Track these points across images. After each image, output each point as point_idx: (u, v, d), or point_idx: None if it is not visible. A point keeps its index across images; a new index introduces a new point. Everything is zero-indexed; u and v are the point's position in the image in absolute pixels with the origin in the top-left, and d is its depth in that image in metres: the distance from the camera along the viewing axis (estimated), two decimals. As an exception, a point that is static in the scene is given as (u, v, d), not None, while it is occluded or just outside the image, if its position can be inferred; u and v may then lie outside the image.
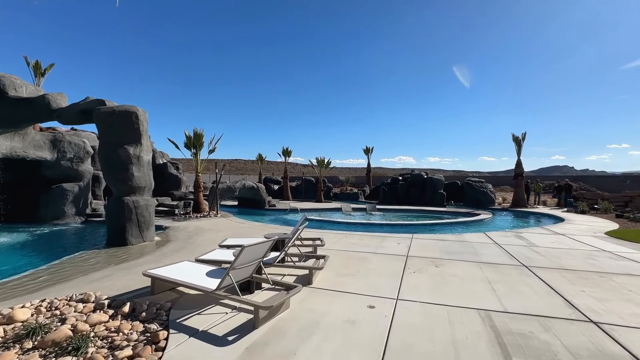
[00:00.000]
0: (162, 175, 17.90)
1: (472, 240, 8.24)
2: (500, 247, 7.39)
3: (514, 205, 19.81)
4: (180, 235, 9.15)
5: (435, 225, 12.48)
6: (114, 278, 4.82)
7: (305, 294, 4.18)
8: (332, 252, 6.57)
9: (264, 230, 9.65)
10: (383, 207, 18.97)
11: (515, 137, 20.11)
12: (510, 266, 5.65)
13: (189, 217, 13.50)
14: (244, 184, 17.19)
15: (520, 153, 20.21)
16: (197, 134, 14.45)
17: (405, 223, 12.45)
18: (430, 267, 5.56)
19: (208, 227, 10.47)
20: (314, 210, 18.61)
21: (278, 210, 17.81)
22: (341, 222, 12.82)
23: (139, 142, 8.31)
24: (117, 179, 8.07)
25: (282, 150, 26.71)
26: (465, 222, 13.26)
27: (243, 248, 3.30)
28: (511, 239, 8.49)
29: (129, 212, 8.00)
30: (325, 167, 24.50)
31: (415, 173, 23.81)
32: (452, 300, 3.99)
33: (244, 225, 10.85)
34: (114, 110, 8.03)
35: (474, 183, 21.58)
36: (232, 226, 10.68)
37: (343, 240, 8.01)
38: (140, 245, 8.00)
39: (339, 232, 9.34)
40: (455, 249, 7.12)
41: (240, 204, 20.01)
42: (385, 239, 8.29)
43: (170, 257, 6.23)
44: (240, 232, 9.35)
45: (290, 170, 36.12)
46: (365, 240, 8.04)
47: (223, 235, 8.90)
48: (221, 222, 11.81)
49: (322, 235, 8.67)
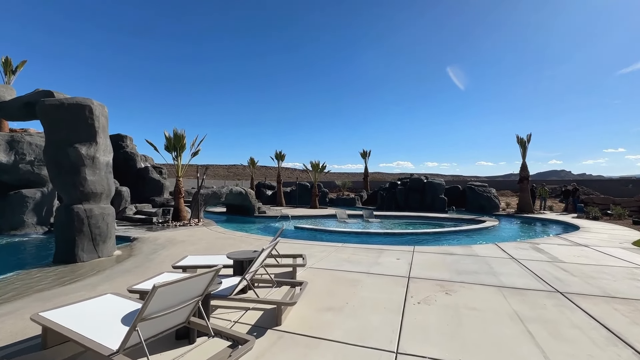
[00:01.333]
0: (143, 180, 16.68)
1: (483, 253, 7.04)
2: (519, 263, 6.19)
3: (519, 211, 18.65)
4: (146, 248, 7.90)
5: (439, 234, 11.27)
6: (15, 316, 3.58)
7: (268, 344, 2.96)
8: (317, 273, 5.35)
9: (246, 242, 8.42)
10: (381, 214, 17.76)
11: (520, 139, 19.02)
12: (541, 292, 4.44)
13: (167, 225, 12.25)
14: (231, 190, 15.96)
15: (525, 155, 19.11)
16: (177, 135, 13.25)
17: (405, 232, 11.25)
18: (439, 294, 4.34)
19: (182, 238, 9.22)
20: (306, 217, 17.39)
21: (268, 218, 16.57)
22: (334, 231, 11.59)
23: (93, 140, 7.11)
24: (67, 184, 6.84)
25: (275, 154, 25.51)
26: (470, 230, 12.07)
27: (154, 290, 2.09)
28: (529, 252, 7.30)
29: (80, 223, 6.77)
30: (320, 171, 23.31)
31: (415, 177, 22.65)
32: (476, 355, 2.78)
33: (225, 236, 9.61)
34: (62, 102, 6.83)
35: (477, 187, 20.43)
36: (210, 237, 9.43)
37: (333, 255, 6.79)
38: (93, 263, 6.75)
39: (329, 245, 8.11)
40: (466, 266, 5.91)
41: (228, 210, 18.77)
42: (382, 252, 7.08)
43: (115, 281, 5.00)
44: (215, 245, 8.11)
45: (288, 175, 35.03)
46: (358, 255, 6.82)
47: (195, 249, 7.66)
48: (200, 232, 10.56)
49: (310, 248, 7.46)
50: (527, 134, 18.91)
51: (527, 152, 19.11)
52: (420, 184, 21.75)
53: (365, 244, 8.38)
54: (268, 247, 3.90)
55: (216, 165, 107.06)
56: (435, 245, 9.49)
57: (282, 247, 7.68)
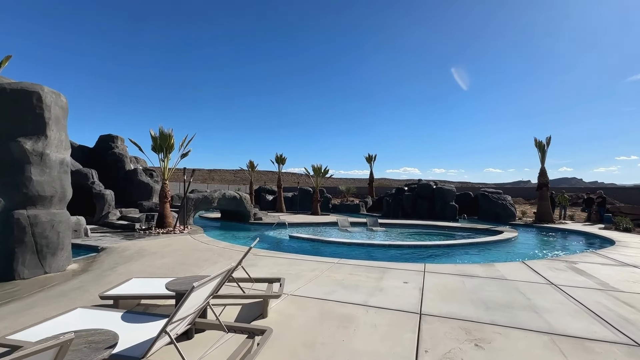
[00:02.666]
0: (131, 184, 15.64)
1: (511, 275, 5.68)
2: (562, 291, 4.83)
3: (538, 220, 17.09)
4: (109, 261, 6.73)
5: (452, 247, 9.89)
6: None
7: None
8: (299, 304, 4.08)
9: (225, 256, 7.19)
10: (386, 222, 16.39)
11: (539, 142, 17.54)
12: (615, 346, 3.09)
13: (150, 233, 11.10)
14: (224, 194, 14.79)
15: (544, 160, 17.61)
16: (163, 134, 12.16)
17: (412, 244, 9.90)
18: (465, 346, 3.03)
19: (156, 248, 8.03)
20: (306, 224, 16.12)
21: (264, 225, 15.34)
22: (333, 242, 10.29)
23: (42, 134, 5.99)
24: (6, 185, 5.72)
25: (276, 158, 24.32)
26: (487, 242, 10.65)
27: None
28: (568, 274, 5.91)
29: (20, 232, 5.62)
30: (322, 175, 22.05)
31: (423, 183, 21.26)
32: None
33: (205, 247, 8.40)
34: (4, 88, 5.74)
35: (491, 194, 18.94)
36: (188, 247, 8.23)
37: (325, 276, 5.51)
38: (36, 280, 5.58)
39: (323, 260, 6.82)
40: (494, 295, 4.57)
41: (223, 216, 17.61)
42: (386, 273, 5.77)
43: (44, 308, 3.80)
44: (188, 259, 6.89)
45: (294, 180, 33.87)
46: (357, 276, 5.52)
47: (162, 264, 6.45)
48: (181, 241, 9.37)
49: (299, 265, 6.19)
50: (547, 137, 17.45)
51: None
52: (429, 190, 20.34)
53: (366, 260, 7.07)
54: (217, 276, 2.65)
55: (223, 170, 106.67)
56: (449, 261, 8.14)
57: (266, 262, 6.43)
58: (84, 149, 17.13)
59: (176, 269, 5.94)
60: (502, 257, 8.70)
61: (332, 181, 55.72)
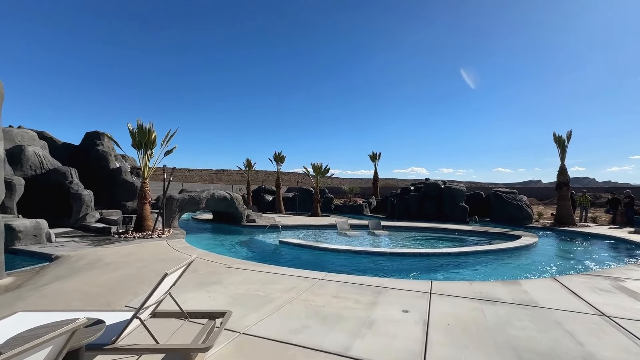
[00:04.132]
0: (115, 183, 14.62)
1: (545, 300, 4.36)
2: (622, 328, 3.50)
3: (558, 223, 15.54)
4: (51, 274, 5.61)
5: (465, 256, 8.56)
6: None
7: None
8: (247, 352, 2.84)
9: (195, 273, 6.00)
10: (390, 224, 15.08)
11: (558, 137, 15.98)
12: None
13: (125, 237, 10.01)
14: (213, 194, 13.65)
15: (564, 157, 16.04)
16: (142, 129, 11.06)
17: (418, 252, 8.59)
18: None
19: (114, 258, 6.88)
20: (302, 227, 14.89)
21: (257, 227, 14.17)
22: (325, 249, 9.03)
23: (-44, 120, 4.88)
24: None
25: (274, 156, 23.15)
26: (505, 250, 9.27)
27: None
28: (617, 297, 4.56)
29: None
30: (323, 174, 20.78)
31: (430, 182, 19.85)
32: None
33: (176, 256, 7.24)
34: None
35: (505, 195, 17.43)
36: (153, 257, 7.07)
37: (301, 299, 4.27)
38: (-57, 301, 4.46)
39: (306, 276, 5.58)
40: (527, 335, 3.27)
41: (215, 218, 16.49)
42: (381, 295, 4.50)
43: None
44: (143, 273, 5.71)
45: (300, 180, 32.66)
46: (343, 300, 4.27)
47: (110, 278, 5.29)
48: (153, 247, 8.23)
49: (274, 283, 4.97)
50: (567, 131, 15.88)
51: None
52: (437, 189, 18.94)
53: (359, 276, 5.81)
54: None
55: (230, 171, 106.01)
56: (462, 275, 6.83)
57: (235, 279, 5.21)
58: (69, 147, 16.21)
59: (117, 289, 4.76)
60: (524, 269, 7.34)
61: (335, 181, 54.45)
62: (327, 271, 5.88)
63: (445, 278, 6.51)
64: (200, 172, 56.71)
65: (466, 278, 6.50)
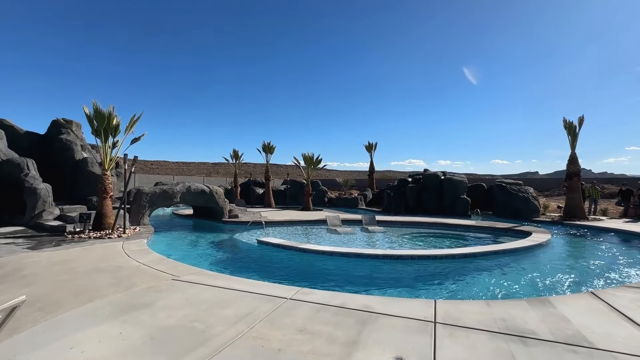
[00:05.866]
0: (81, 176, 13.16)
1: (593, 330, 3.08)
2: None
3: (567, 216, 14.32)
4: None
5: (472, 258, 7.28)
6: None
7: None
8: None
9: (123, 285, 4.67)
10: (386, 219, 13.80)
11: (569, 123, 14.65)
12: None
13: (80, 238, 8.66)
14: (189, 187, 12.26)
15: (575, 145, 14.75)
16: (99, 113, 9.58)
17: (417, 254, 7.30)
18: None
19: (40, 268, 5.52)
20: (290, 223, 13.58)
21: (239, 224, 12.84)
22: (309, 251, 7.72)
23: None
24: None
25: (263, 146, 21.71)
26: (516, 250, 8.00)
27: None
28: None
29: None
30: (314, 166, 19.41)
31: (429, 173, 18.55)
32: None
33: (121, 265, 5.91)
34: None
35: (509, 186, 16.16)
36: (90, 267, 5.73)
37: (252, 337, 2.95)
38: None
39: (269, 295, 4.27)
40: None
41: (195, 213, 15.14)
42: (366, 326, 3.20)
43: None
44: (58, 292, 4.37)
45: (297, 173, 31.33)
46: (310, 340, 2.96)
47: (4, 300, 3.93)
48: (97, 252, 6.88)
49: (225, 307, 3.65)
50: (579, 117, 14.54)
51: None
52: (437, 181, 17.65)
53: (340, 292, 4.51)
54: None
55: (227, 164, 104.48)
56: (472, 285, 5.55)
57: (174, 300, 3.88)
58: (33, 136, 14.68)
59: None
60: (547, 276, 6.07)
61: (330, 173, 53.02)
62: (305, 280, 4.61)
63: (452, 292, 5.22)
64: (197, 165, 55.42)
65: (478, 291, 5.22)
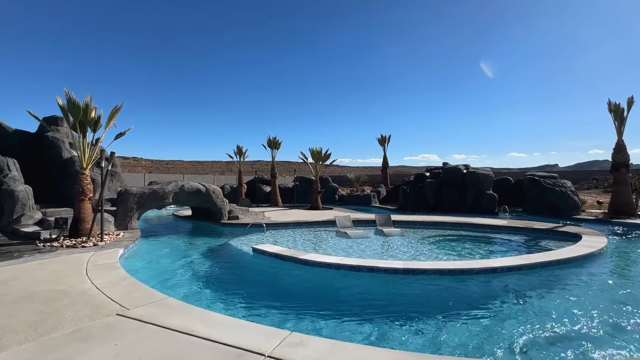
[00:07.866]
0: (68, 176, 12.15)
1: None
2: None
3: (614, 213, 12.43)
4: None
5: (517, 272, 5.70)
6: None
7: None
8: None
9: (46, 336, 3.38)
10: (403, 219, 12.27)
11: (615, 105, 12.68)
12: None
13: (52, 246, 7.55)
14: (182, 187, 11.05)
15: (622, 131, 12.77)
16: (74, 104, 8.42)
17: (446, 268, 5.79)
18: None
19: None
20: (296, 225, 12.21)
21: (239, 226, 11.57)
22: (311, 262, 6.30)
23: None
24: None
25: (268, 142, 20.40)
26: (571, 260, 6.37)
27: None
28: None
29: None
30: (323, 161, 17.95)
31: (450, 167, 16.83)
32: None
33: (74, 285, 4.67)
34: None
35: (544, 180, 14.28)
36: (38, 289, 4.51)
37: None
38: None
39: (244, 346, 2.88)
40: None
41: (194, 214, 13.98)
42: None
43: None
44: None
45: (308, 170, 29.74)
46: None
47: None
48: (54, 267, 5.68)
49: (184, 356, 2.25)
50: (628, 98, 12.54)
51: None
52: (458, 175, 15.92)
53: (346, 332, 3.07)
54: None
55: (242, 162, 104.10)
56: (531, 321, 4.01)
57: None
58: (23, 134, 13.82)
59: None
60: (631, 304, 4.45)
61: (340, 169, 51.28)
62: (303, 305, 3.21)
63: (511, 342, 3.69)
64: (212, 164, 55.03)
65: (543, 329, 3.68)
